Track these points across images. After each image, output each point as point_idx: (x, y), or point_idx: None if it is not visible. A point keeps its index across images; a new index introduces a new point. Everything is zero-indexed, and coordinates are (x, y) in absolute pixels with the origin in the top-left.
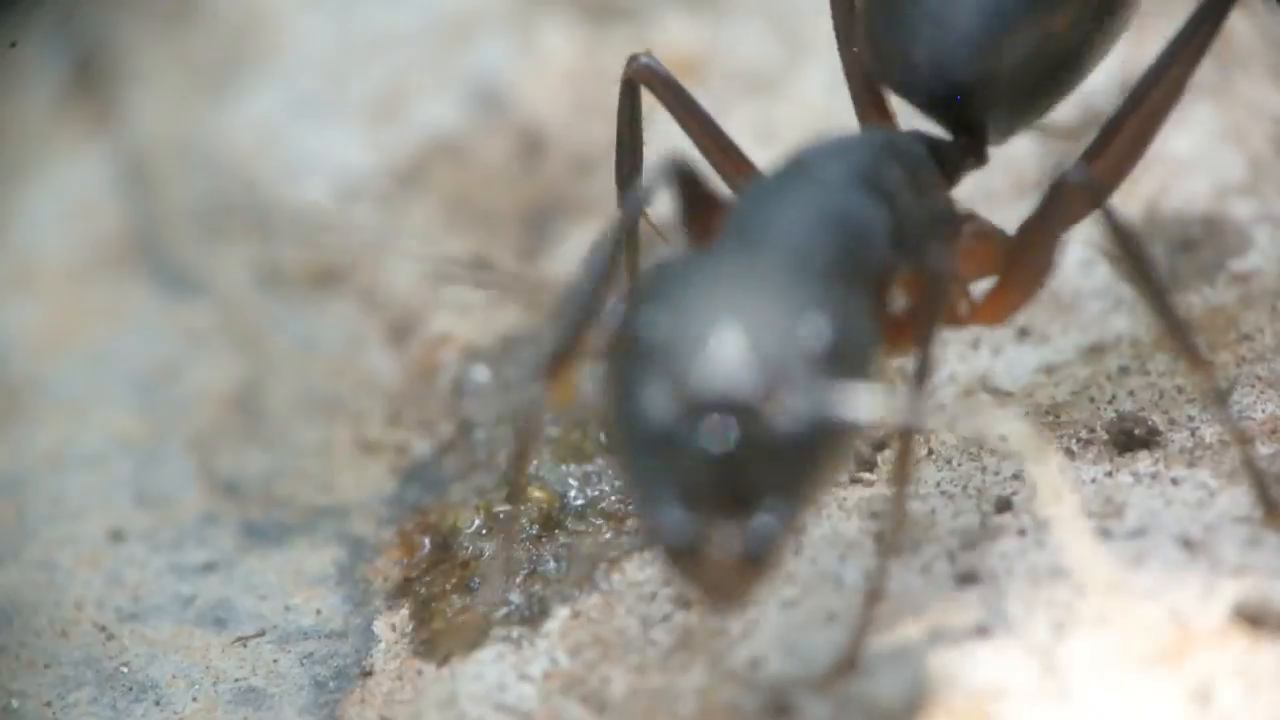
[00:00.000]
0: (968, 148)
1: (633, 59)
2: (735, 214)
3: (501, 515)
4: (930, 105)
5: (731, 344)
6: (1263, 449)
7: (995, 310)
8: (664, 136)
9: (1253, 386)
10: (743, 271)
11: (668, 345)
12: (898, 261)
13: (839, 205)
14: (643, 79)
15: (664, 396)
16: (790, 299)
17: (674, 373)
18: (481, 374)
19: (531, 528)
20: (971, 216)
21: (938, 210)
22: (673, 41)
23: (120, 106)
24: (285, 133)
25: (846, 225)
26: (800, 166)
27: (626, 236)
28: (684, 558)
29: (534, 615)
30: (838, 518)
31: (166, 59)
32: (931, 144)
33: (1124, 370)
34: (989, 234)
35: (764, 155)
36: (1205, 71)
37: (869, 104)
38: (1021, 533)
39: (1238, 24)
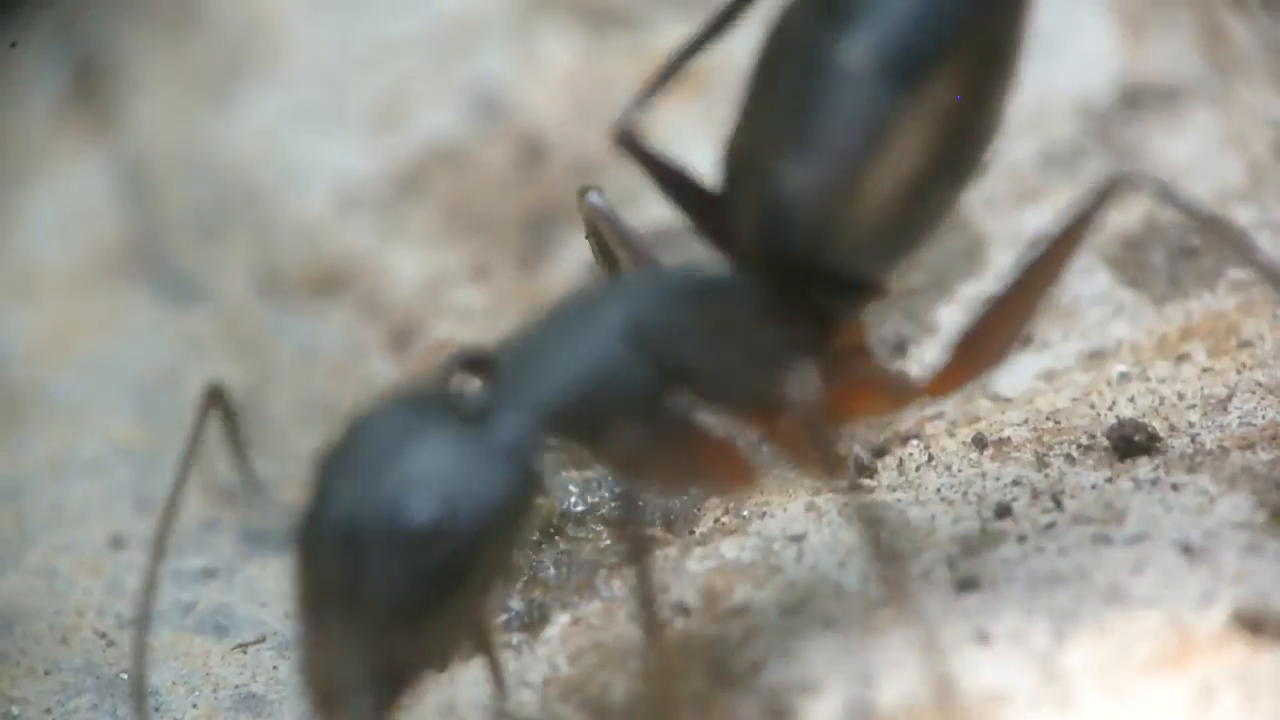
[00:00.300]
0: (846, 292)
1: (583, 192)
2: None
3: None
4: (784, 279)
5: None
6: (1263, 455)
7: (945, 383)
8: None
9: (1253, 393)
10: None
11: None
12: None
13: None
14: (587, 215)
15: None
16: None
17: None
18: None
19: (532, 534)
20: (855, 357)
21: (761, 354)
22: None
23: (120, 113)
24: (285, 140)
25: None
26: (566, 310)
27: None
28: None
29: (534, 622)
30: (838, 524)
31: (167, 65)
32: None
33: (1124, 376)
34: (868, 380)
35: None
36: (1206, 77)
37: None
38: (1021, 539)
39: (1238, 30)
